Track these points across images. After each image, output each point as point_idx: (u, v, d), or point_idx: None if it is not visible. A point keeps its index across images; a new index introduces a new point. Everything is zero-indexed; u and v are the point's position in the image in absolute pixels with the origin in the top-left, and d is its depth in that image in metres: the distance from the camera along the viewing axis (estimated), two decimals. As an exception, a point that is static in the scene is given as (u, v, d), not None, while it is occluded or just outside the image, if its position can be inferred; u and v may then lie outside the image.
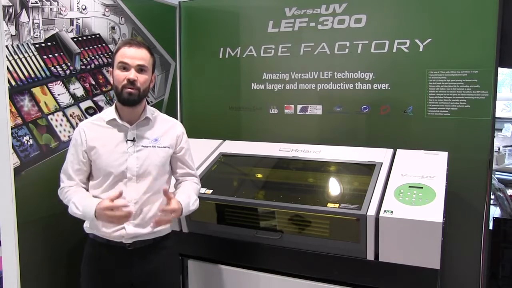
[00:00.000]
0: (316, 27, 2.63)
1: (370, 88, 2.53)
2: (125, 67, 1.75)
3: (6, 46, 1.91)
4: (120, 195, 1.68)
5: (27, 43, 2.00)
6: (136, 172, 1.78)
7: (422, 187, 1.97)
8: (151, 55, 1.81)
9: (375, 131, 2.54)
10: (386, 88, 2.49)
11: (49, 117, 2.11)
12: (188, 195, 1.85)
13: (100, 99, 2.40)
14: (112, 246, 1.79)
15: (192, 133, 2.27)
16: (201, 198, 2.12)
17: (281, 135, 2.67)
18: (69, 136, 2.16)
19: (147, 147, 1.82)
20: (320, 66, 2.64)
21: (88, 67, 2.33)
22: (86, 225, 1.85)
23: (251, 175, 2.54)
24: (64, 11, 2.18)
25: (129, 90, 1.74)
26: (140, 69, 1.76)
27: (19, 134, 1.96)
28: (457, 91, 2.34)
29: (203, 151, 2.55)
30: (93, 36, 2.36)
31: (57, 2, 2.13)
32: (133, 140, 1.80)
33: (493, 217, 2.63)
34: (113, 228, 1.77)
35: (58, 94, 2.16)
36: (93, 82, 2.36)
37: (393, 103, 2.48)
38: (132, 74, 1.74)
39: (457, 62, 2.32)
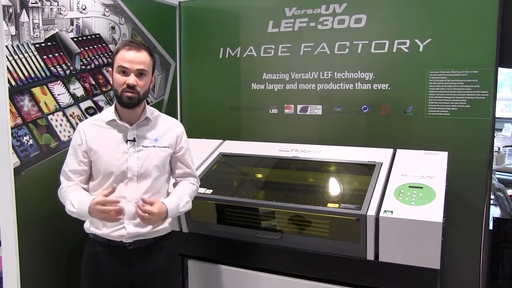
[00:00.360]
0: (316, 27, 2.63)
1: (370, 88, 2.53)
2: (124, 71, 1.74)
3: (6, 46, 1.91)
4: (113, 191, 1.68)
5: (27, 43, 2.00)
6: (137, 172, 1.78)
7: (422, 187, 1.97)
8: (151, 57, 1.80)
9: (375, 131, 2.54)
10: (386, 88, 2.49)
11: (49, 117, 2.11)
12: (179, 197, 1.84)
13: (100, 99, 2.40)
14: (112, 245, 1.79)
15: (192, 133, 2.27)
16: (201, 198, 2.13)
17: (281, 135, 2.67)
18: (69, 136, 2.16)
19: (147, 147, 1.82)
20: (320, 66, 2.64)
21: (88, 67, 2.33)
22: (86, 225, 1.85)
23: (251, 175, 2.54)
24: (64, 11, 2.18)
25: (129, 94, 1.73)
26: (140, 73, 1.75)
27: (19, 134, 1.96)
28: (457, 91, 2.34)
29: (203, 151, 2.56)
30: (93, 36, 2.36)
31: (57, 2, 2.13)
32: (133, 141, 1.80)
33: (493, 217, 2.63)
34: (113, 228, 1.77)
35: (58, 94, 2.16)
36: (93, 82, 2.36)
37: (393, 103, 2.48)
38: (131, 79, 1.73)
39: (457, 62, 2.32)
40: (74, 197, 1.73)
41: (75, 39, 2.25)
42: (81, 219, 1.81)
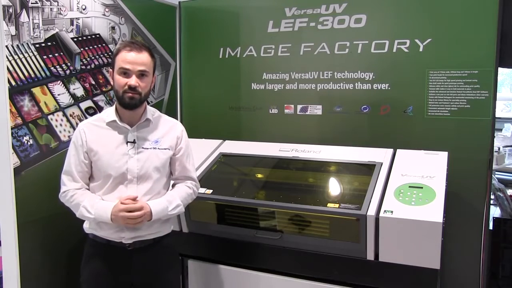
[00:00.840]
0: (316, 27, 2.63)
1: (370, 88, 2.53)
2: (125, 72, 1.74)
3: (6, 46, 1.91)
4: (134, 199, 1.73)
5: (27, 43, 2.00)
6: (137, 174, 1.78)
7: (422, 187, 1.97)
8: (152, 58, 1.80)
9: (375, 131, 2.54)
10: (386, 88, 2.49)
11: (49, 117, 2.11)
12: (169, 200, 1.82)
13: (100, 99, 2.40)
14: (112, 246, 1.79)
15: (192, 133, 2.27)
16: (201, 198, 2.13)
17: (281, 135, 2.67)
18: (69, 136, 2.16)
19: (147, 149, 1.82)
20: (320, 66, 2.64)
21: (88, 67, 2.33)
22: (85, 225, 1.85)
23: (251, 175, 2.54)
24: (64, 11, 2.18)
25: (130, 95, 1.73)
26: (141, 74, 1.75)
27: (19, 134, 1.96)
28: (457, 91, 2.34)
29: (203, 151, 2.55)
30: (93, 36, 2.36)
31: (57, 2, 2.13)
32: (134, 142, 1.80)
33: (493, 217, 2.63)
34: (113, 229, 1.77)
35: (58, 94, 2.16)
36: (93, 82, 2.36)
37: (393, 103, 2.48)
38: (133, 80, 1.73)
39: (457, 62, 2.32)
40: (90, 204, 1.73)
41: (75, 39, 2.25)
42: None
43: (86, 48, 2.32)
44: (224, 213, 2.23)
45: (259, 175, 2.50)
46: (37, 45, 2.05)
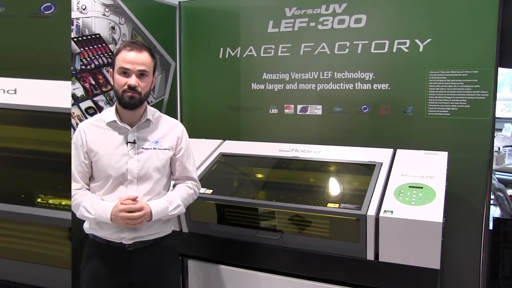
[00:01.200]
0: (316, 27, 2.63)
1: (370, 88, 2.53)
2: (125, 72, 1.73)
3: (6, 46, 1.91)
4: (134, 199, 1.72)
5: (27, 43, 2.00)
6: (137, 174, 1.78)
7: (422, 187, 1.97)
8: (152, 58, 1.80)
9: (375, 131, 2.54)
10: (386, 88, 2.49)
11: (49, 117, 2.11)
12: (170, 201, 1.82)
13: (100, 99, 2.40)
14: (112, 246, 1.79)
15: (192, 133, 2.27)
16: (201, 198, 2.13)
17: (281, 135, 2.67)
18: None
19: (148, 149, 1.81)
20: (320, 66, 2.64)
21: (88, 67, 2.33)
22: (85, 225, 1.85)
23: (251, 175, 2.54)
24: (64, 11, 2.18)
25: (130, 94, 1.73)
26: (141, 74, 1.75)
27: (19, 134, 1.97)
28: (457, 91, 2.34)
29: (203, 151, 2.56)
30: (93, 36, 2.36)
31: (57, 2, 2.13)
32: (134, 143, 1.80)
33: (493, 217, 2.62)
34: (113, 230, 1.77)
35: (58, 94, 2.16)
36: (93, 82, 2.36)
37: (393, 103, 2.49)
38: (133, 80, 1.73)
39: (457, 62, 2.33)
40: (90, 204, 1.73)
41: (75, 39, 2.25)
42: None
43: (86, 48, 2.32)
44: (224, 213, 2.23)
45: (259, 175, 2.50)
46: (37, 45, 2.05)
